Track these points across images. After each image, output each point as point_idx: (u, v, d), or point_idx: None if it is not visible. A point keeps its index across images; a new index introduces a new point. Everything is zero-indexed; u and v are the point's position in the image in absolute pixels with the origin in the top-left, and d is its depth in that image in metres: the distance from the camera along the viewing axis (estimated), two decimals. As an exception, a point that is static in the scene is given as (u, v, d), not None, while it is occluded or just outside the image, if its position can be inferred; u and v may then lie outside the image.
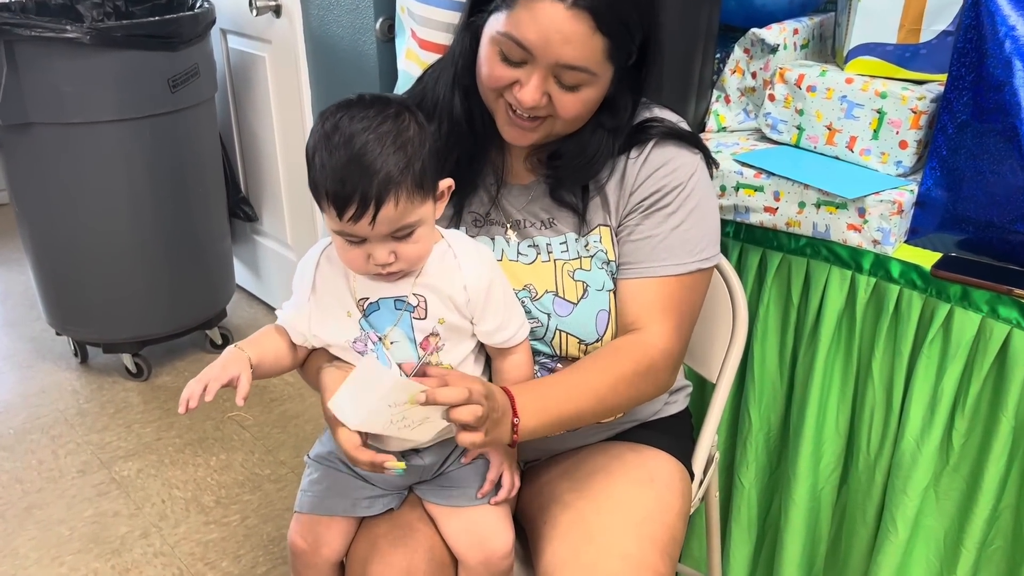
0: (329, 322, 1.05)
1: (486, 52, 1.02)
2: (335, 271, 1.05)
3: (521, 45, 0.97)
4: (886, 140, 1.35)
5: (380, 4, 1.96)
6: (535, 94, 0.99)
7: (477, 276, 1.03)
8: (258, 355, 1.03)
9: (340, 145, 0.92)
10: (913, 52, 1.38)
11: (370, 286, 1.03)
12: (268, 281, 2.88)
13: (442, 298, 1.02)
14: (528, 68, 0.99)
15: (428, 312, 1.02)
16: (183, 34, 2.19)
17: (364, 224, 0.93)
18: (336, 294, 1.04)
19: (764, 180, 1.39)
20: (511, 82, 1.01)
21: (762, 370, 1.49)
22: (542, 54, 0.97)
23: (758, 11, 1.63)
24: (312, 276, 1.06)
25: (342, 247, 0.98)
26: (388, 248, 0.96)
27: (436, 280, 1.02)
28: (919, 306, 1.28)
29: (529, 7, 0.96)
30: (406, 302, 1.02)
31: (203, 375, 0.99)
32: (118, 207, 2.27)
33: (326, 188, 0.93)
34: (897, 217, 1.29)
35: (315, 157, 0.94)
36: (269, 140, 2.59)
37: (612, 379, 1.05)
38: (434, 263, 1.03)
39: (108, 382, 2.50)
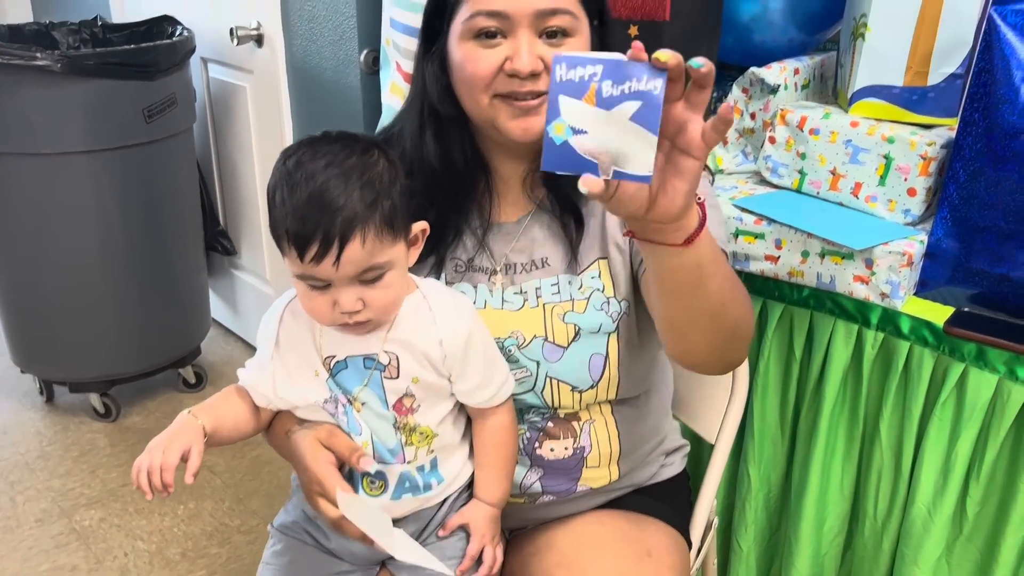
0: (295, 382, 0.96)
1: (463, 52, 0.95)
2: (300, 326, 0.96)
3: (493, 13, 0.92)
4: (894, 187, 1.28)
5: (365, 36, 1.90)
6: (529, 56, 0.92)
7: (454, 330, 0.95)
8: (214, 422, 0.94)
9: (301, 181, 0.85)
10: (921, 95, 1.32)
11: (337, 343, 0.94)
12: (245, 316, 2.78)
13: (416, 355, 0.94)
14: (511, 38, 0.93)
15: (400, 371, 0.93)
16: (160, 63, 2.11)
17: (327, 265, 0.84)
18: (301, 351, 0.96)
19: (765, 227, 1.32)
20: (501, 63, 0.94)
21: (762, 427, 1.41)
22: (516, 10, 0.92)
23: (756, 49, 1.57)
24: (276, 331, 0.97)
25: (305, 294, 0.90)
26: (355, 294, 0.87)
27: (409, 335, 0.94)
28: (930, 364, 1.21)
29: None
30: (376, 360, 0.93)
31: (149, 451, 0.89)
32: (88, 240, 2.17)
33: (286, 227, 0.85)
34: (907, 269, 1.21)
35: (275, 195, 0.87)
36: (249, 172, 2.51)
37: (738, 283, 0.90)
38: (407, 316, 0.95)
39: (74, 423, 2.39)
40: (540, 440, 1.07)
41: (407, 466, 0.97)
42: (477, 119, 1.00)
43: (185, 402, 2.48)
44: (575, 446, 1.07)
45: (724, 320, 0.86)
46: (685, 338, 0.89)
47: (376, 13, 1.82)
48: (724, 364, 0.95)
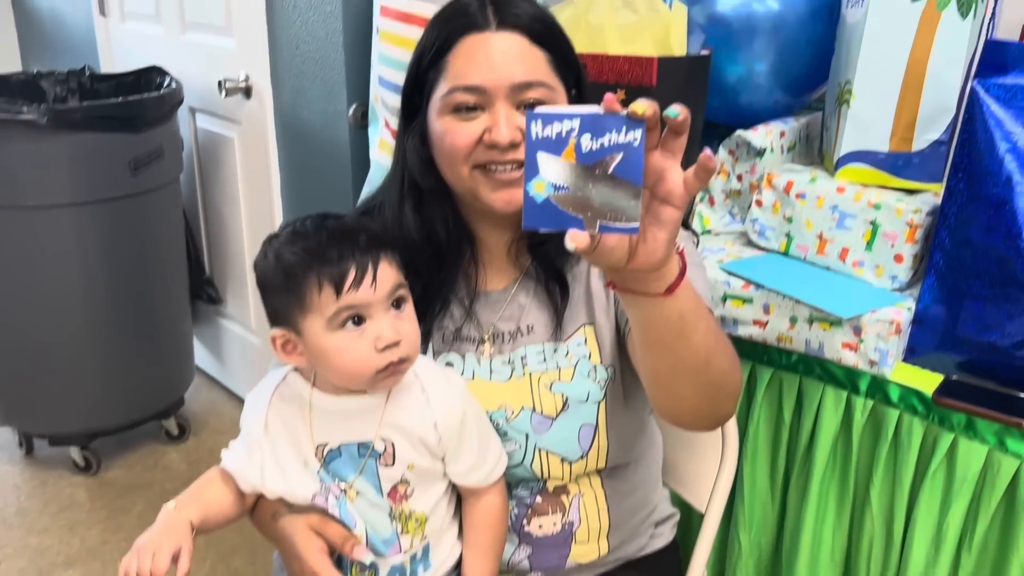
0: (284, 473, 0.93)
1: (442, 126, 0.96)
2: (291, 412, 0.94)
3: (471, 88, 0.93)
4: (880, 253, 1.29)
5: (353, 91, 1.90)
6: (508, 128, 0.93)
7: (449, 411, 0.93)
8: (200, 515, 0.92)
9: (311, 233, 0.87)
10: (906, 161, 1.33)
11: (330, 430, 0.92)
12: (230, 365, 2.75)
13: (412, 441, 0.92)
14: (489, 111, 0.94)
15: (396, 458, 0.92)
16: (147, 116, 2.11)
17: (366, 287, 0.85)
18: (291, 439, 0.93)
19: (753, 292, 1.31)
20: (479, 137, 0.94)
21: (752, 492, 1.39)
22: (494, 85, 0.93)
23: (743, 110, 1.59)
24: (264, 416, 0.94)
25: (341, 349, 0.87)
26: (391, 322, 0.88)
27: (404, 419, 0.92)
28: (920, 433, 1.20)
29: (461, 51, 0.94)
30: (371, 447, 0.92)
31: (137, 552, 0.86)
32: (72, 292, 2.15)
33: (315, 271, 0.85)
34: (895, 337, 1.21)
35: (283, 260, 0.87)
36: (236, 221, 2.50)
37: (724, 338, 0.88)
38: (400, 397, 0.93)
39: (53, 476, 2.34)
40: (528, 516, 1.05)
41: (401, 555, 0.95)
42: (459, 190, 1.00)
43: (167, 455, 2.44)
44: (564, 521, 1.06)
45: (710, 372, 0.85)
46: (672, 392, 0.88)
47: (365, 69, 1.82)
48: (713, 419, 0.94)
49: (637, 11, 1.41)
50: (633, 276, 0.74)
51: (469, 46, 0.93)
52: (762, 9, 1.49)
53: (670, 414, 0.92)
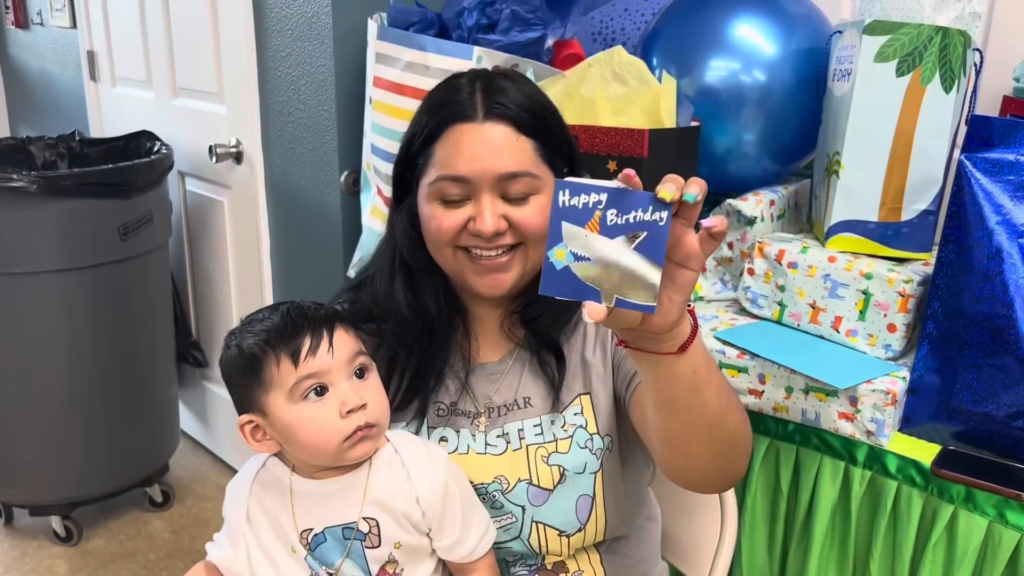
0: (272, 562, 0.92)
1: (428, 211, 0.97)
2: (272, 498, 0.93)
3: (456, 179, 0.94)
4: (873, 322, 1.29)
5: (345, 158, 1.91)
6: (493, 217, 0.94)
7: (431, 485, 0.92)
8: None
9: (267, 317, 0.90)
10: (895, 230, 1.35)
11: (313, 514, 0.91)
12: (215, 429, 2.71)
13: (396, 518, 0.91)
14: (473, 200, 0.95)
15: (381, 538, 0.90)
16: (137, 182, 2.11)
17: (323, 354, 0.87)
18: (275, 526, 0.92)
19: (748, 361, 1.32)
20: (464, 223, 0.95)
21: (751, 564, 1.38)
22: (479, 176, 0.93)
23: (732, 178, 1.61)
24: (245, 505, 0.93)
25: (306, 418, 0.87)
26: (354, 388, 0.89)
27: (386, 495, 0.91)
28: (919, 505, 1.19)
29: (447, 141, 0.95)
30: (355, 529, 0.90)
31: None
32: (56, 358, 2.12)
33: (271, 345, 0.87)
34: (891, 407, 1.21)
35: (242, 345, 0.89)
36: (224, 285, 2.48)
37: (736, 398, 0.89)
38: (381, 473, 0.92)
39: (33, 547, 2.28)
40: (527, 594, 1.03)
41: None
42: (447, 271, 1.02)
43: (150, 523, 2.39)
44: (564, 600, 1.04)
45: (723, 429, 0.85)
46: (685, 452, 0.86)
47: (357, 135, 1.84)
48: (725, 478, 0.93)
49: (627, 83, 1.43)
50: (646, 336, 0.74)
51: (457, 136, 0.94)
52: (750, 80, 1.52)
53: (681, 476, 0.90)
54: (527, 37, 1.58)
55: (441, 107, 0.96)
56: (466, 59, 1.52)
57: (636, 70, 1.43)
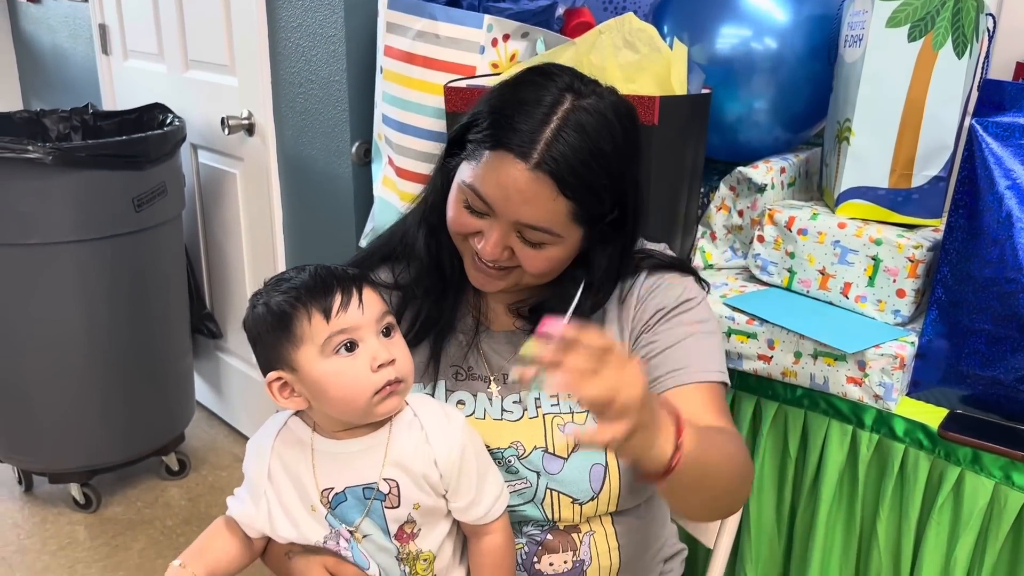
0: (292, 520, 0.94)
1: (453, 198, 0.99)
2: (294, 457, 0.94)
3: (482, 199, 0.94)
4: (882, 288, 1.30)
5: (357, 128, 1.92)
6: (495, 249, 0.96)
7: (448, 448, 0.94)
8: (209, 570, 0.93)
9: (294, 277, 0.91)
10: (905, 197, 1.35)
11: (335, 473, 0.93)
12: (230, 400, 2.74)
13: (415, 479, 0.92)
14: (490, 221, 0.96)
15: (401, 499, 0.92)
16: (150, 153, 2.12)
17: (354, 310, 0.89)
18: (296, 485, 0.94)
19: (757, 327, 1.33)
20: (474, 231, 0.97)
21: (759, 527, 1.39)
22: (502, 211, 0.94)
23: (742, 147, 1.61)
24: (267, 463, 0.95)
25: (338, 374, 0.88)
26: (384, 345, 0.90)
27: (406, 457, 0.93)
28: (926, 467, 1.21)
29: (492, 164, 0.93)
30: (376, 490, 0.92)
31: None
32: (73, 328, 2.15)
33: (302, 302, 0.88)
34: (899, 372, 1.22)
35: (271, 303, 0.90)
36: (237, 256, 2.50)
37: (738, 450, 0.93)
38: (400, 436, 0.94)
39: (53, 514, 2.32)
40: (539, 554, 1.05)
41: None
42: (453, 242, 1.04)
43: (167, 490, 2.43)
44: (575, 559, 1.06)
45: (729, 495, 0.93)
46: (689, 512, 0.99)
47: (368, 106, 1.84)
48: (727, 514, 1.03)
49: (638, 51, 1.43)
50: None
51: (502, 165, 0.91)
52: (761, 48, 1.51)
53: (682, 519, 1.00)
54: (538, 5, 1.58)
55: (507, 121, 0.92)
56: (476, 27, 1.52)
57: (647, 37, 1.42)
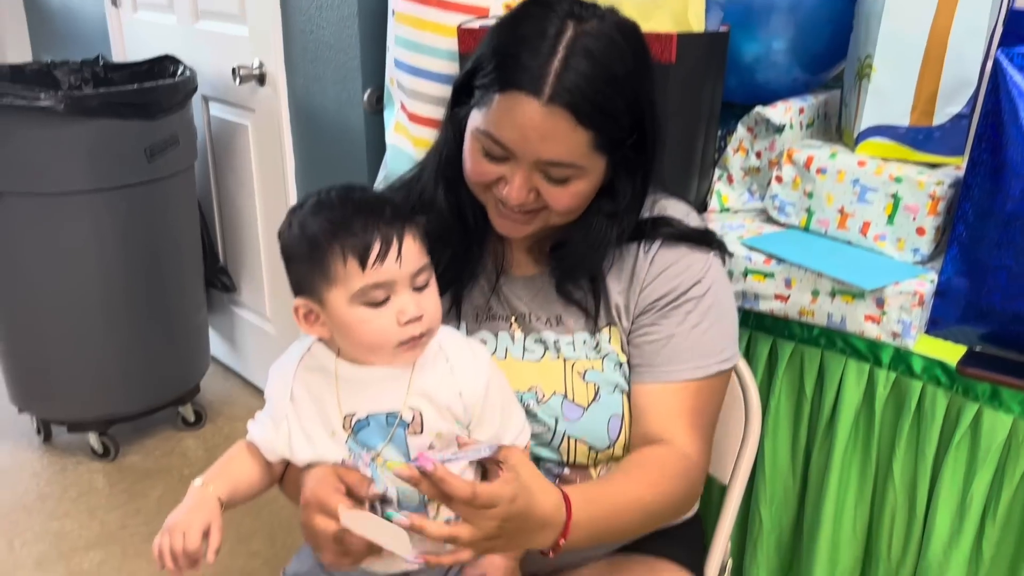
0: (312, 443, 0.94)
1: (469, 147, 0.97)
2: (317, 382, 0.94)
3: (500, 143, 0.92)
4: (902, 226, 1.29)
5: (368, 75, 1.90)
6: (520, 193, 0.93)
7: (474, 380, 0.94)
8: (228, 489, 0.93)
9: (335, 204, 0.87)
10: (926, 135, 1.33)
11: (358, 399, 0.93)
12: (245, 354, 2.76)
13: (439, 409, 0.92)
14: (512, 164, 0.93)
15: (425, 427, 0.92)
16: (162, 103, 2.11)
17: (391, 262, 0.86)
18: (318, 409, 0.94)
19: (774, 266, 1.32)
20: (496, 178, 0.95)
21: (773, 467, 1.40)
22: (522, 152, 0.91)
23: (760, 88, 1.58)
24: (289, 386, 0.95)
25: (363, 321, 0.87)
26: (414, 298, 0.88)
27: (431, 387, 0.92)
28: (944, 404, 1.20)
29: (504, 106, 0.90)
30: (399, 417, 0.92)
31: (168, 532, 0.87)
32: (88, 279, 2.16)
33: (340, 244, 0.85)
34: (918, 309, 1.22)
35: (308, 232, 0.87)
36: (250, 210, 2.50)
37: (659, 493, 0.96)
38: (426, 367, 0.94)
39: (72, 463, 2.35)
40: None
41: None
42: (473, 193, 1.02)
43: (184, 441, 2.45)
44: (592, 492, 1.06)
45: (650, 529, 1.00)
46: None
47: (380, 52, 1.82)
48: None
49: (655, -12, 1.41)
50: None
51: (515, 105, 0.89)
52: (780, -14, 1.48)
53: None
54: (553, -57, 1.55)
55: (513, 60, 0.90)
56: (490, -36, 1.50)
57: (664, -27, 1.40)
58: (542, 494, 0.83)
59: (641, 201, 1.03)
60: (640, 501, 0.95)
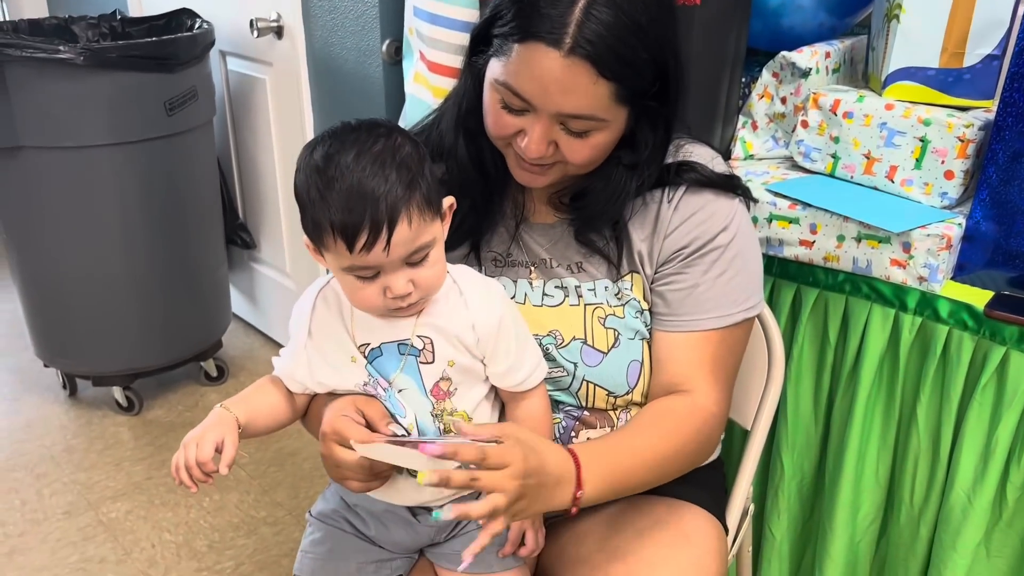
0: (333, 367, 0.95)
1: (488, 99, 0.95)
2: (332, 315, 0.95)
3: (519, 95, 0.90)
4: (930, 170, 1.27)
5: (387, 25, 1.89)
6: (539, 146, 0.92)
7: (487, 313, 0.94)
8: (248, 414, 0.94)
9: (337, 175, 0.83)
10: (956, 77, 1.30)
11: (370, 330, 0.93)
12: (265, 310, 2.78)
13: (449, 339, 0.93)
14: (531, 117, 0.91)
15: (436, 355, 0.93)
16: (180, 56, 2.11)
17: (378, 251, 0.83)
18: (335, 340, 0.95)
19: (799, 212, 1.30)
20: (516, 131, 0.93)
21: (795, 414, 1.39)
22: (542, 104, 0.89)
23: (785, 34, 1.55)
24: (308, 321, 0.96)
25: (353, 287, 0.88)
26: (405, 277, 0.87)
27: (441, 320, 0.93)
28: (970, 348, 1.19)
29: (524, 57, 0.88)
30: (410, 345, 0.92)
31: (184, 447, 0.89)
32: (110, 234, 2.17)
33: (330, 221, 0.83)
34: (945, 252, 1.20)
35: (309, 193, 0.85)
36: (269, 165, 2.50)
37: (675, 446, 0.97)
38: (438, 301, 0.94)
39: (97, 416, 2.39)
40: (576, 429, 1.06)
41: None
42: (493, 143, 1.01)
43: (207, 395, 2.48)
44: (613, 434, 1.07)
45: (668, 480, 1.00)
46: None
47: (398, 2, 1.80)
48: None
49: (680, -71, 1.38)
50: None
51: (534, 56, 0.87)
52: (807, -74, 1.45)
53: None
54: None
55: (532, 8, 0.87)
56: (511, -92, 1.47)
57: (689, -87, 1.37)
58: (548, 450, 0.85)
59: (663, 152, 1.02)
60: (654, 452, 0.96)
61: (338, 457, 0.90)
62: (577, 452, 0.88)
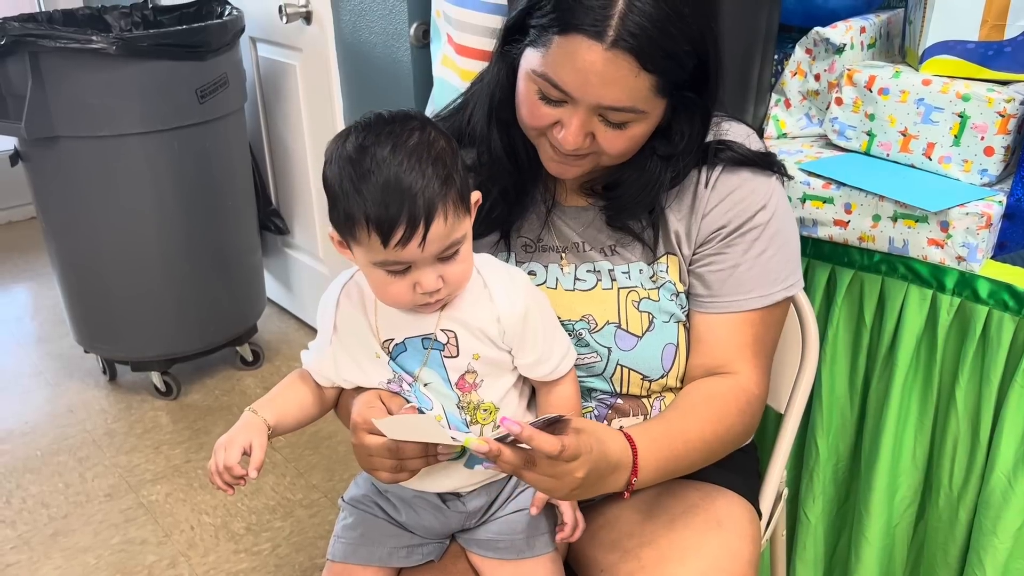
0: (358, 364, 0.96)
1: (523, 90, 0.93)
2: (355, 310, 0.95)
3: (558, 87, 0.89)
4: (969, 146, 1.23)
5: (414, 9, 1.88)
6: (577, 137, 0.91)
7: (511, 305, 0.93)
8: (276, 414, 0.95)
9: (372, 168, 0.82)
10: (997, 50, 1.27)
11: (393, 325, 0.93)
12: (299, 295, 2.80)
13: (473, 332, 0.93)
14: (569, 108, 0.90)
15: (460, 348, 0.93)
16: (211, 43, 2.12)
17: (413, 247, 0.83)
18: (360, 336, 0.95)
19: (834, 191, 1.28)
20: (552, 122, 0.92)
21: (831, 396, 1.37)
22: (581, 96, 0.88)
23: (819, 9, 1.52)
24: (332, 317, 0.97)
25: (382, 282, 0.88)
26: (435, 272, 0.86)
27: (465, 313, 0.93)
28: (1011, 329, 1.16)
29: (564, 48, 0.87)
30: (433, 339, 0.92)
31: (214, 452, 0.91)
32: (146, 221, 2.20)
33: (366, 214, 0.82)
34: (985, 231, 1.17)
35: (342, 184, 0.84)
36: (300, 151, 2.52)
37: (722, 429, 0.97)
38: (462, 293, 0.93)
39: (137, 401, 2.43)
40: (609, 417, 1.06)
41: None
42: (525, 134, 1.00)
43: (243, 380, 2.51)
44: (646, 422, 1.06)
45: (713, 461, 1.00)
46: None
47: (426, -15, 1.80)
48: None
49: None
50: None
51: (576, 48, 0.86)
52: (841, -103, 1.41)
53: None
54: None
55: (573, 0, 0.86)
56: None
57: None
58: (609, 439, 0.84)
59: (698, 144, 1.00)
60: (702, 435, 0.95)
61: (368, 444, 0.91)
62: (634, 438, 0.87)
